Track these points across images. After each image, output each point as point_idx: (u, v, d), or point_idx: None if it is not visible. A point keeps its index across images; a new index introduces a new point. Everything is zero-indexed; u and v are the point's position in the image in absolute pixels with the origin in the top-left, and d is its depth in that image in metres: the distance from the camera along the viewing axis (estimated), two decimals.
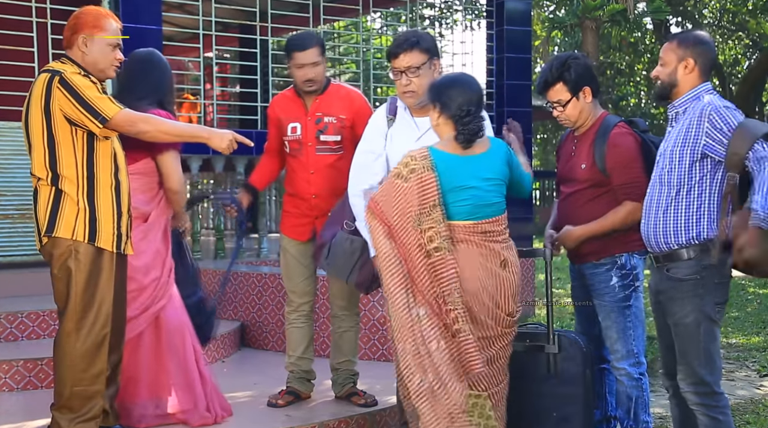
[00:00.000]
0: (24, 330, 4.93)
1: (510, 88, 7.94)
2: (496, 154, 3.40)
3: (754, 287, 10.21)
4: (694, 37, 3.37)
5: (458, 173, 3.30)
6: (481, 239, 3.31)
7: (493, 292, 3.29)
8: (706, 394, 3.30)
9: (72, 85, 3.28)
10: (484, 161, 3.35)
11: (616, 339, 3.65)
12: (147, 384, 3.77)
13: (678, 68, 3.31)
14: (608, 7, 7.66)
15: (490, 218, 3.33)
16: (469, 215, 3.30)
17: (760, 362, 6.20)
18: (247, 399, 4.37)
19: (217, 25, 6.89)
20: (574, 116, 3.68)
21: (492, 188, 3.35)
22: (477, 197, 3.31)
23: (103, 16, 3.46)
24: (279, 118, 4.16)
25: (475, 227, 3.30)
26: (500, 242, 3.36)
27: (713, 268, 3.22)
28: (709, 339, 3.28)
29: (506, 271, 3.33)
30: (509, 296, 3.33)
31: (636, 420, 3.66)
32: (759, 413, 4.87)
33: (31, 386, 4.43)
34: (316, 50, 4.01)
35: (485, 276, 3.28)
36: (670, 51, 3.34)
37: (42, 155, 3.34)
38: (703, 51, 3.31)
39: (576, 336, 3.68)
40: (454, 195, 3.29)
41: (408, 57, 3.61)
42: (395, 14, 9.68)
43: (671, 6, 13.19)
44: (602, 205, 3.63)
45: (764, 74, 15.28)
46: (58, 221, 3.33)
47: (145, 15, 5.96)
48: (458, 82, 3.37)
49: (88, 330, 3.36)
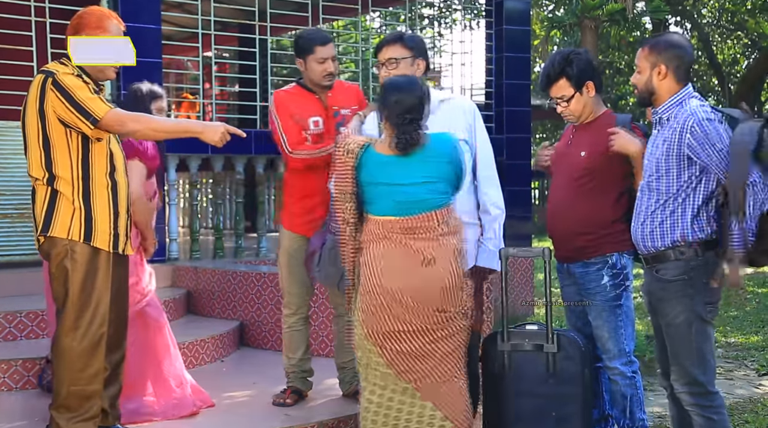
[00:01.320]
0: (23, 329, 4.92)
1: (509, 87, 7.94)
2: (431, 153, 3.36)
3: (753, 287, 10.21)
4: (665, 41, 3.34)
5: (382, 170, 3.34)
6: (404, 236, 3.32)
7: (416, 289, 3.30)
8: (700, 394, 3.30)
9: (64, 86, 3.28)
10: (413, 162, 3.34)
11: (608, 338, 3.66)
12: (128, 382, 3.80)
13: (652, 75, 3.30)
14: (607, 7, 7.67)
15: (417, 215, 3.32)
16: (392, 210, 3.34)
17: (759, 361, 6.20)
18: (246, 399, 4.37)
19: (216, 25, 6.88)
20: (578, 111, 3.66)
21: (422, 187, 3.34)
22: (402, 194, 3.33)
23: (106, 18, 3.46)
24: (296, 112, 4.08)
25: (398, 223, 3.32)
26: (429, 240, 3.33)
27: (702, 268, 3.24)
28: (702, 338, 3.29)
29: (431, 268, 3.30)
30: (436, 293, 3.31)
31: (632, 418, 3.66)
32: (758, 412, 4.87)
33: (29, 385, 4.42)
34: (333, 45, 4.11)
35: (405, 274, 3.30)
36: (643, 58, 3.34)
37: (38, 156, 3.35)
38: (675, 55, 3.29)
39: (575, 335, 3.67)
40: (375, 190, 3.36)
41: (390, 50, 3.68)
42: (394, 14, 9.68)
43: (670, 5, 13.19)
44: (594, 196, 3.60)
45: (763, 74, 15.29)
46: (53, 220, 3.34)
47: (145, 14, 5.96)
48: (399, 88, 3.37)
49: (85, 330, 3.36)
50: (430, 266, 3.32)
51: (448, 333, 3.38)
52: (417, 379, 3.36)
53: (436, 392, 3.37)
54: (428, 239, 3.34)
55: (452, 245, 3.37)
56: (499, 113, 7.85)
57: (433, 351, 3.36)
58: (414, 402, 3.38)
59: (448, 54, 8.85)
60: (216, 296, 5.98)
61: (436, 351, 3.36)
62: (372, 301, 3.34)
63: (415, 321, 3.33)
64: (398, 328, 3.33)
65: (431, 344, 3.35)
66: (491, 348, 3.68)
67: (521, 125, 8.03)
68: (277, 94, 4.22)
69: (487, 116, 7.78)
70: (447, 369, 3.38)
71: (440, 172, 3.37)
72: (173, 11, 7.96)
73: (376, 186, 3.37)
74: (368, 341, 3.38)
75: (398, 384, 3.37)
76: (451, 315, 3.36)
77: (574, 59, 3.61)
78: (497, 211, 3.76)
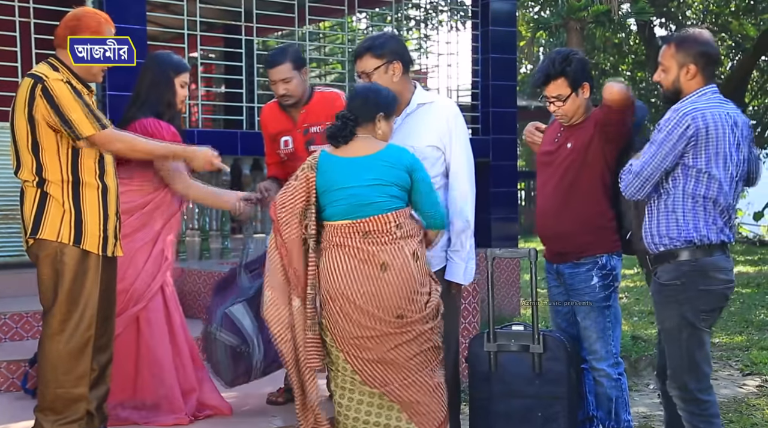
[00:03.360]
0: (7, 331, 4.89)
1: (495, 88, 7.94)
2: (384, 157, 3.38)
3: (738, 287, 10.26)
4: (694, 39, 3.30)
5: (336, 174, 3.38)
6: (360, 240, 3.32)
7: (372, 295, 3.30)
8: (690, 400, 3.30)
9: (53, 95, 3.27)
10: (366, 163, 3.37)
11: (596, 339, 3.66)
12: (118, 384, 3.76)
13: (680, 75, 3.27)
14: (592, 8, 7.70)
15: (369, 217, 3.32)
16: (346, 214, 3.35)
17: (743, 361, 6.25)
18: (233, 400, 4.35)
19: (202, 25, 6.86)
20: (571, 112, 3.63)
21: (373, 189, 3.34)
22: (354, 196, 3.35)
23: (105, 23, 3.48)
24: (271, 133, 4.18)
25: (353, 227, 3.34)
26: (385, 243, 3.32)
27: (696, 274, 3.23)
28: (694, 346, 3.27)
29: (388, 273, 3.30)
30: (393, 299, 3.31)
31: (617, 419, 3.67)
32: (742, 412, 4.91)
33: (14, 388, 4.39)
34: (287, 66, 3.98)
35: (361, 280, 3.30)
36: (669, 56, 3.29)
37: (28, 160, 3.34)
38: (704, 53, 3.26)
39: (561, 335, 3.69)
40: (331, 195, 3.39)
41: (361, 63, 3.67)
42: (381, 15, 9.68)
43: (655, 7, 13.25)
44: (584, 195, 3.61)
45: (747, 75, 15.38)
46: (42, 223, 3.33)
47: (130, 15, 5.93)
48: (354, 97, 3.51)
49: (72, 332, 3.35)
50: (386, 270, 3.31)
51: (409, 338, 3.36)
52: (382, 384, 3.37)
53: (401, 396, 3.38)
54: (384, 243, 3.33)
55: (410, 248, 3.35)
56: (485, 113, 7.86)
57: (396, 357, 3.36)
58: (382, 403, 3.40)
59: (435, 55, 8.86)
60: (202, 298, 5.96)
61: (398, 356, 3.36)
62: (334, 307, 3.35)
63: (375, 327, 3.32)
64: (360, 334, 3.33)
65: (393, 350, 3.35)
66: (478, 348, 3.69)
67: (507, 125, 8.04)
68: (263, 110, 4.32)
69: (473, 117, 7.80)
70: (409, 373, 3.38)
71: (391, 176, 3.36)
72: (158, 12, 7.93)
73: (331, 192, 3.39)
74: (334, 347, 3.40)
75: (365, 387, 3.39)
76: (410, 321, 3.35)
77: (573, 60, 3.60)
78: (462, 224, 3.63)
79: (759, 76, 17.66)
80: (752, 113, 18.63)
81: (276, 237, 3.45)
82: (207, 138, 6.91)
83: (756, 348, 6.57)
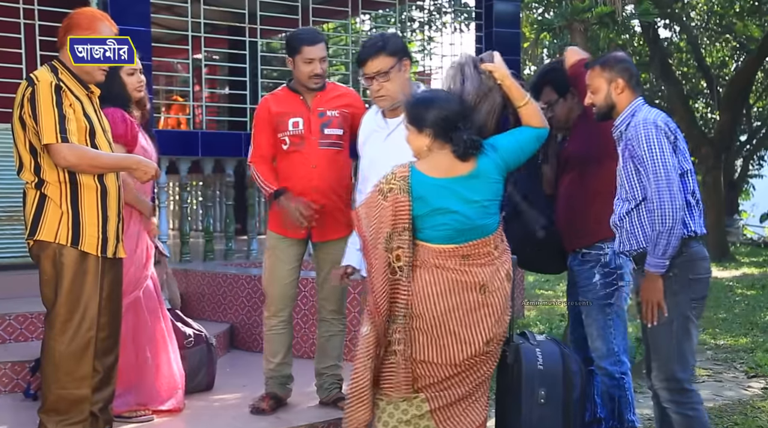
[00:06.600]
0: (12, 332, 4.90)
1: None
2: (483, 172, 3.18)
3: (742, 289, 10.26)
4: (614, 58, 3.51)
5: (437, 197, 3.14)
6: (460, 263, 3.15)
7: (468, 319, 3.15)
8: (678, 391, 3.37)
9: (36, 101, 3.26)
10: (468, 182, 3.16)
11: (597, 337, 3.71)
12: None
13: (611, 91, 3.44)
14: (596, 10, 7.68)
15: (473, 241, 3.17)
16: (449, 239, 3.15)
17: (748, 363, 6.23)
18: (235, 401, 4.36)
19: (205, 27, 6.88)
20: (563, 116, 3.88)
21: (478, 209, 3.16)
22: (459, 222, 3.13)
23: (97, 19, 3.44)
24: (276, 114, 4.07)
25: (454, 252, 3.16)
26: (484, 265, 3.18)
27: (686, 264, 3.30)
28: (684, 336, 3.35)
29: (486, 295, 3.16)
30: (487, 322, 3.17)
31: (621, 420, 3.69)
32: (746, 414, 4.90)
33: (18, 388, 4.40)
34: (323, 45, 4.03)
35: (457, 302, 3.13)
36: (596, 77, 3.48)
37: (27, 161, 3.35)
38: (626, 68, 3.46)
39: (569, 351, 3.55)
40: (432, 219, 3.15)
41: (375, 63, 3.61)
42: (384, 16, 9.68)
43: (659, 8, 13.24)
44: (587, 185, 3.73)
45: (751, 76, 15.34)
46: (41, 224, 3.34)
47: (134, 16, 5.94)
48: (433, 101, 3.22)
49: (73, 333, 3.35)
50: (485, 291, 3.17)
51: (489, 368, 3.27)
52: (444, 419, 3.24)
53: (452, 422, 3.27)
54: (484, 264, 3.18)
55: (504, 268, 3.24)
56: None
57: (472, 392, 3.25)
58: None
59: (438, 56, 8.86)
60: (206, 299, 5.97)
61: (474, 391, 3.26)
62: (422, 325, 3.15)
63: (465, 358, 3.16)
64: (448, 373, 3.17)
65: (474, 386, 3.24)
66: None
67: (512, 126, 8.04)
68: (262, 100, 4.25)
69: None
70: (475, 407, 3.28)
71: (491, 192, 3.20)
72: (162, 13, 7.94)
73: (433, 216, 3.15)
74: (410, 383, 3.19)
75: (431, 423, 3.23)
76: (496, 347, 3.24)
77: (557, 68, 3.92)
78: None
79: (763, 78, 17.63)
80: (757, 114, 18.61)
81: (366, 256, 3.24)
82: (211, 140, 6.94)
83: (761, 350, 6.55)
